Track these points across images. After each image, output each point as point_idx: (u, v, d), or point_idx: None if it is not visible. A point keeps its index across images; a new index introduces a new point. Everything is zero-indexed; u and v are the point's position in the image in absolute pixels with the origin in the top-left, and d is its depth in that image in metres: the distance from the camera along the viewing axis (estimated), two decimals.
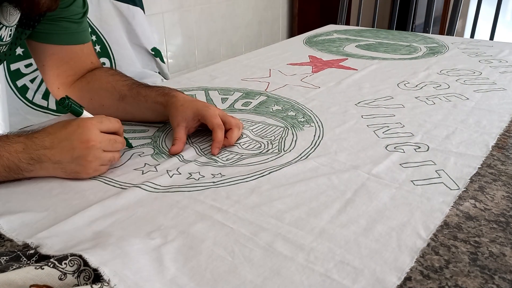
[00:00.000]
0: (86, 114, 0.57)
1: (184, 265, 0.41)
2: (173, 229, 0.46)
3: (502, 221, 0.48)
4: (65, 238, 0.44)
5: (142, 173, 0.57)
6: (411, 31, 1.55)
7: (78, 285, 0.38)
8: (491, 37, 1.55)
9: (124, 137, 0.60)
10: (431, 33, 1.49)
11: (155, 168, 0.58)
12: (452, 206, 0.50)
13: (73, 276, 0.38)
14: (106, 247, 0.41)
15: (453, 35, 1.59)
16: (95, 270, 0.38)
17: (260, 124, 0.72)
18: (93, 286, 0.36)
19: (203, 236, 0.45)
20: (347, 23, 2.04)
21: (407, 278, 0.40)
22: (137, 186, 0.53)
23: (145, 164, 0.59)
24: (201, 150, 0.63)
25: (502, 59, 1.10)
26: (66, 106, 0.56)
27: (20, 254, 0.41)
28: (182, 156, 0.61)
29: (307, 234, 0.45)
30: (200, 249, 0.43)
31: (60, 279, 0.37)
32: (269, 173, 0.57)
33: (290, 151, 0.63)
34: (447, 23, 1.63)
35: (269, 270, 0.40)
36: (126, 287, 0.37)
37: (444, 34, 1.51)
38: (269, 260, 0.42)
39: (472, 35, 1.59)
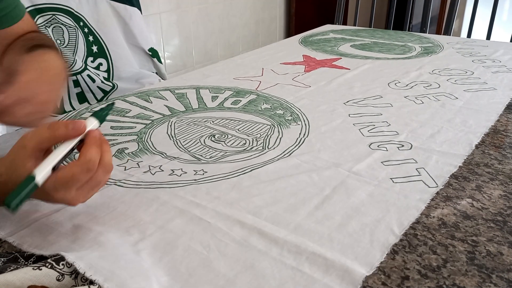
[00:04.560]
0: (40, 175, 0.42)
1: (160, 259, 0.42)
2: (152, 225, 0.47)
3: (500, 220, 0.48)
4: (45, 232, 0.45)
5: (125, 169, 0.58)
6: (408, 31, 1.55)
7: (75, 286, 0.38)
8: (488, 37, 1.55)
9: (96, 113, 0.49)
10: (428, 33, 1.49)
11: (138, 164, 0.59)
12: (447, 205, 0.50)
13: (70, 277, 0.38)
14: (84, 243, 0.42)
15: (450, 35, 1.59)
16: None
17: (247, 122, 0.73)
18: (91, 287, 0.37)
19: (181, 231, 0.46)
20: (344, 23, 2.04)
21: (405, 278, 0.40)
22: (118, 182, 0.54)
23: (128, 160, 0.60)
24: (184, 147, 0.64)
25: (495, 59, 1.10)
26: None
27: (18, 255, 0.42)
28: (165, 153, 0.62)
29: (282, 229, 0.46)
30: (177, 244, 0.44)
31: (58, 279, 0.38)
32: (251, 170, 0.58)
33: (274, 148, 0.64)
34: (444, 23, 1.63)
35: (242, 264, 0.41)
36: (102, 276, 0.37)
37: (441, 34, 1.51)
38: (243, 254, 0.42)
39: (469, 35, 1.59)
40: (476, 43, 1.26)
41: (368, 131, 0.69)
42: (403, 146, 0.64)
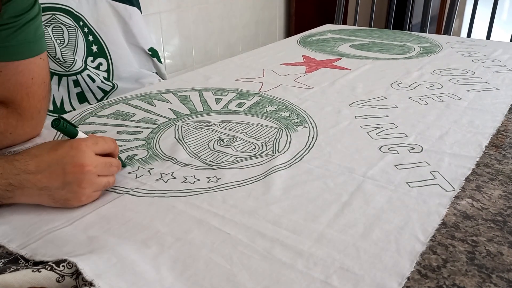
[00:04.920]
0: (80, 134, 0.52)
1: (181, 274, 0.40)
2: (169, 236, 0.45)
3: (500, 220, 0.48)
4: (60, 243, 0.44)
5: (136, 177, 0.57)
6: (408, 30, 1.55)
7: (76, 287, 0.38)
8: (488, 37, 1.55)
9: (119, 157, 0.56)
10: (428, 33, 1.49)
11: (149, 171, 0.58)
12: (448, 207, 0.50)
13: (71, 278, 0.38)
14: (101, 256, 0.40)
15: (449, 35, 1.60)
16: None
17: (255, 125, 0.73)
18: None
19: (200, 243, 0.44)
20: (344, 23, 2.04)
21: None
22: (131, 191, 0.54)
23: (138, 167, 0.59)
24: (193, 152, 0.64)
25: (495, 59, 1.10)
26: (61, 127, 0.49)
27: (18, 256, 0.42)
28: (176, 159, 0.62)
29: (306, 239, 0.45)
30: (198, 257, 0.42)
31: (58, 281, 0.37)
32: (265, 176, 0.57)
33: (284, 152, 0.63)
34: (444, 22, 1.63)
35: (268, 278, 0.40)
36: None
37: (441, 34, 1.52)
38: (268, 267, 0.41)
39: (469, 35, 1.59)
40: (474, 43, 1.27)
41: (376, 133, 0.69)
42: (413, 148, 0.64)
